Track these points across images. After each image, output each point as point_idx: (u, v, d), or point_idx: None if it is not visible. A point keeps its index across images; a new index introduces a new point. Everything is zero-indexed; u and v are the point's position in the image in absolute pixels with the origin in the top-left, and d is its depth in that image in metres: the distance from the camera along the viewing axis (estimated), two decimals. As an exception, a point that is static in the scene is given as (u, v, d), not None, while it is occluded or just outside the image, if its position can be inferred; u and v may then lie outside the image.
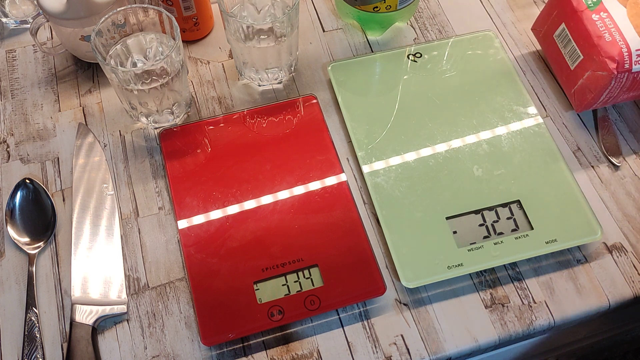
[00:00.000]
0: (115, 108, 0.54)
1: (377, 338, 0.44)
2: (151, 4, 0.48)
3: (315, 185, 0.49)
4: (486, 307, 0.45)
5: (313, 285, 0.45)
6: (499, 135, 0.52)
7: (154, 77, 0.47)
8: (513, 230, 0.47)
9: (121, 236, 0.48)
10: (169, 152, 0.51)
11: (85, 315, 0.43)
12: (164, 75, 0.47)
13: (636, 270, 0.47)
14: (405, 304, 0.45)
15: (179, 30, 0.46)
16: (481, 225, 0.47)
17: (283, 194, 0.49)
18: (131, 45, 0.50)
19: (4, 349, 0.43)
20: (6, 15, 0.60)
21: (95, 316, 0.43)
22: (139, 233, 0.48)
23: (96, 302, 0.44)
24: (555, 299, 0.46)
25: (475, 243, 0.46)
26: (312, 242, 0.47)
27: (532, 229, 0.47)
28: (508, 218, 0.48)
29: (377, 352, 0.44)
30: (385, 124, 0.53)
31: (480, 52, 0.57)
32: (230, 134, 0.52)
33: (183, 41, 0.58)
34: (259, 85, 0.56)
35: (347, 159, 0.52)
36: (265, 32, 0.50)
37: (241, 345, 0.44)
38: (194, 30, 0.58)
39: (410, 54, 0.57)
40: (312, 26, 0.61)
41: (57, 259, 0.47)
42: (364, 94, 0.55)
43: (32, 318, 0.44)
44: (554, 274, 0.47)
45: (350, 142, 0.53)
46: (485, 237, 0.47)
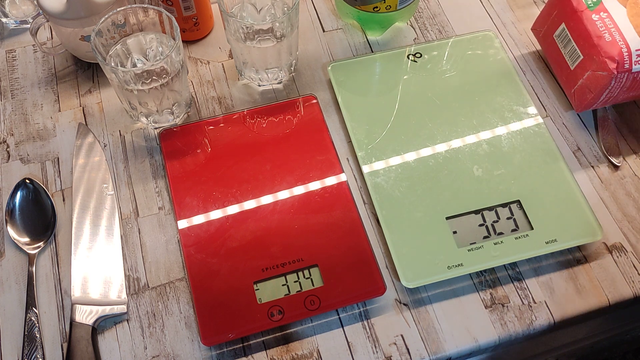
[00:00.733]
0: (115, 108, 0.54)
1: (377, 338, 0.44)
2: (151, 4, 0.48)
3: (315, 185, 0.49)
4: (486, 307, 0.45)
5: (313, 285, 0.45)
6: (499, 135, 0.52)
7: (154, 77, 0.47)
8: (513, 230, 0.47)
9: (121, 236, 0.48)
10: (169, 152, 0.51)
11: (85, 315, 0.43)
12: (164, 75, 0.47)
13: (636, 270, 0.47)
14: (405, 304, 0.45)
15: (179, 30, 0.46)
16: (481, 225, 0.47)
17: (283, 194, 0.49)
18: (131, 45, 0.50)
19: (4, 349, 0.43)
20: (6, 15, 0.60)
21: (95, 316, 0.43)
22: (139, 233, 0.48)
23: (96, 302, 0.44)
24: (555, 299, 0.46)
25: (475, 243, 0.46)
26: (312, 242, 0.47)
27: (532, 229, 0.47)
28: (508, 218, 0.48)
29: (377, 352, 0.44)
30: (385, 124, 0.53)
31: (480, 52, 0.57)
32: (230, 134, 0.52)
33: (183, 41, 0.58)
34: (259, 85, 0.56)
35: (347, 159, 0.52)
36: (265, 32, 0.50)
37: (241, 345, 0.44)
38: (194, 30, 0.58)
39: (410, 54, 0.57)
40: (312, 26, 0.61)
41: (57, 259, 0.47)
42: (364, 94, 0.55)
43: (32, 318, 0.44)
44: (554, 274, 0.47)
45: (350, 142, 0.53)
46: (485, 237, 0.47)
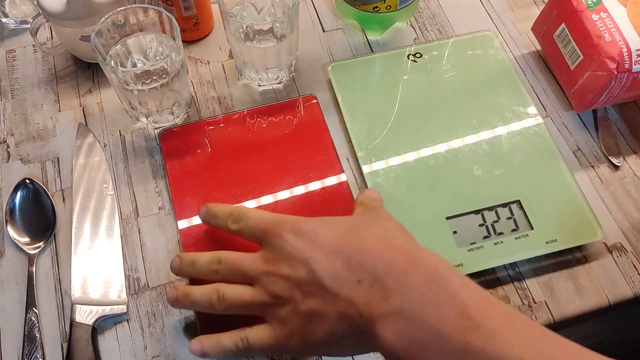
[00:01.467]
0: (115, 108, 0.54)
1: (377, 338, 0.44)
2: (151, 4, 0.48)
3: (314, 186, 0.49)
4: (486, 307, 0.45)
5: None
6: (499, 135, 0.52)
7: (154, 77, 0.47)
8: (513, 230, 0.47)
9: (121, 236, 0.48)
10: (169, 152, 0.51)
11: (85, 315, 0.43)
12: (164, 75, 0.47)
13: (636, 270, 0.47)
14: (405, 304, 0.45)
15: (179, 30, 0.46)
16: (481, 225, 0.47)
17: (283, 194, 0.49)
18: (131, 45, 0.50)
19: (4, 349, 0.43)
20: (6, 15, 0.60)
21: (95, 316, 0.43)
22: (139, 233, 0.48)
23: (96, 302, 0.44)
24: (555, 299, 0.46)
25: (475, 243, 0.46)
26: (312, 242, 0.46)
27: (532, 229, 0.47)
28: (508, 218, 0.48)
29: (377, 352, 0.43)
30: (385, 124, 0.53)
31: (480, 52, 0.57)
32: (231, 134, 0.52)
33: (183, 41, 0.58)
34: (259, 85, 0.56)
35: (347, 159, 0.52)
36: (265, 32, 0.50)
37: (241, 345, 0.44)
38: (194, 30, 0.58)
39: (410, 54, 0.57)
40: (312, 26, 0.61)
41: (57, 259, 0.47)
42: (364, 94, 0.55)
43: (32, 318, 0.44)
44: (554, 274, 0.47)
45: (350, 142, 0.53)
46: (485, 237, 0.47)
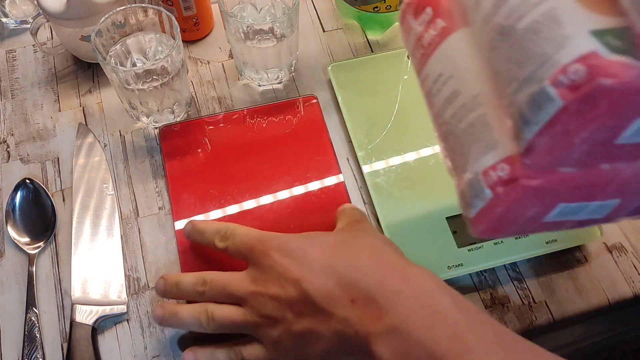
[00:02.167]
0: (115, 108, 0.54)
1: (377, 338, 0.44)
2: (151, 4, 0.48)
3: (313, 186, 0.49)
4: (486, 307, 0.45)
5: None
6: (499, 135, 0.52)
7: (155, 77, 0.47)
8: (513, 230, 0.47)
9: (121, 236, 0.48)
10: (169, 149, 0.51)
11: (85, 315, 0.43)
12: (165, 74, 0.47)
13: (636, 270, 0.47)
14: (405, 304, 0.45)
15: (179, 29, 0.46)
16: (481, 225, 0.47)
17: (281, 194, 0.49)
18: (131, 45, 0.50)
19: (4, 349, 0.43)
20: (6, 15, 0.60)
21: (95, 316, 0.43)
22: (139, 233, 0.48)
23: (96, 302, 0.44)
24: (555, 299, 0.46)
25: (475, 243, 0.46)
26: (311, 242, 0.46)
27: (532, 229, 0.47)
28: (508, 218, 0.47)
29: (377, 352, 0.43)
30: (385, 124, 0.53)
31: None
32: (230, 133, 0.52)
33: (183, 41, 0.58)
34: (259, 85, 0.56)
35: (347, 159, 0.52)
36: (265, 32, 0.50)
37: (241, 345, 0.44)
38: (194, 30, 0.58)
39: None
40: (312, 26, 0.61)
41: (57, 259, 0.47)
42: (364, 94, 0.55)
43: (32, 318, 0.44)
44: (554, 274, 0.47)
45: (350, 142, 0.53)
46: (485, 237, 0.47)
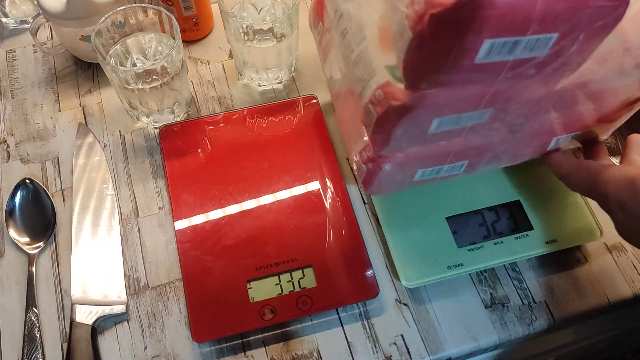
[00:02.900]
0: (115, 108, 0.54)
1: (377, 338, 0.44)
2: (151, 4, 0.48)
3: (313, 186, 0.49)
4: (486, 307, 0.45)
5: (306, 285, 0.45)
6: (499, 135, 0.52)
7: (155, 77, 0.47)
8: (513, 230, 0.47)
9: (121, 236, 0.48)
10: (168, 149, 0.51)
11: (85, 315, 0.43)
12: (165, 74, 0.47)
13: (636, 270, 0.47)
14: (405, 304, 0.45)
15: (179, 29, 0.46)
16: (481, 225, 0.47)
17: (281, 194, 0.49)
18: (130, 45, 0.50)
19: (4, 349, 0.43)
20: (6, 15, 0.60)
21: (95, 316, 0.43)
22: (139, 233, 0.48)
23: (96, 302, 0.44)
24: (555, 299, 0.46)
25: (475, 243, 0.46)
26: (306, 242, 0.47)
27: (532, 229, 0.47)
28: (508, 218, 0.48)
29: (377, 352, 0.44)
30: (385, 124, 0.53)
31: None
32: (230, 133, 0.52)
33: (183, 41, 0.58)
34: (259, 85, 0.56)
35: (347, 159, 0.52)
36: (265, 32, 0.50)
37: (240, 342, 0.44)
38: (194, 30, 0.58)
39: (410, 54, 0.57)
40: (312, 26, 0.61)
41: (57, 259, 0.47)
42: (364, 94, 0.55)
43: (32, 318, 0.44)
44: (554, 274, 0.47)
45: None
46: (485, 237, 0.47)
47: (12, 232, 0.47)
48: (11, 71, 0.57)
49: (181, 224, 0.47)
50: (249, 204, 0.48)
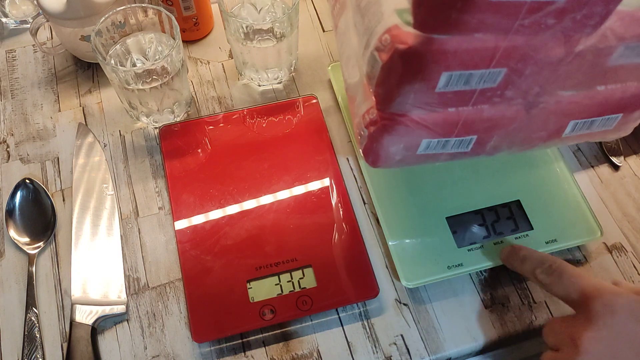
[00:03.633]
0: (115, 108, 0.55)
1: (377, 338, 0.44)
2: (151, 4, 0.48)
3: (312, 186, 0.49)
4: (486, 307, 0.45)
5: (306, 285, 0.45)
6: (499, 135, 0.52)
7: (155, 77, 0.47)
8: (513, 230, 0.47)
9: (121, 236, 0.48)
10: (168, 149, 0.51)
11: (85, 315, 0.43)
12: (165, 74, 0.47)
13: (636, 270, 0.47)
14: (405, 304, 0.45)
15: (178, 29, 0.46)
16: (481, 225, 0.47)
17: (280, 194, 0.49)
18: (130, 45, 0.50)
19: (4, 349, 0.43)
20: (6, 15, 0.60)
21: (95, 316, 0.43)
22: (139, 233, 0.48)
23: (96, 302, 0.44)
24: (555, 299, 0.46)
25: (475, 243, 0.46)
26: (306, 242, 0.47)
27: (532, 229, 0.47)
28: (508, 218, 0.48)
29: (377, 352, 0.44)
30: (385, 123, 0.53)
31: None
32: (230, 133, 0.52)
33: (183, 41, 0.58)
34: (259, 85, 0.56)
35: (347, 159, 0.52)
36: (265, 32, 0.50)
37: (240, 342, 0.44)
38: (194, 30, 0.58)
39: (410, 54, 0.57)
40: (312, 26, 0.61)
41: (57, 259, 0.47)
42: (364, 93, 0.55)
43: (32, 318, 0.44)
44: (554, 274, 0.47)
45: (350, 142, 0.53)
46: (485, 237, 0.47)
47: (12, 232, 0.47)
48: (11, 71, 0.57)
49: (181, 224, 0.47)
50: (249, 204, 0.48)
